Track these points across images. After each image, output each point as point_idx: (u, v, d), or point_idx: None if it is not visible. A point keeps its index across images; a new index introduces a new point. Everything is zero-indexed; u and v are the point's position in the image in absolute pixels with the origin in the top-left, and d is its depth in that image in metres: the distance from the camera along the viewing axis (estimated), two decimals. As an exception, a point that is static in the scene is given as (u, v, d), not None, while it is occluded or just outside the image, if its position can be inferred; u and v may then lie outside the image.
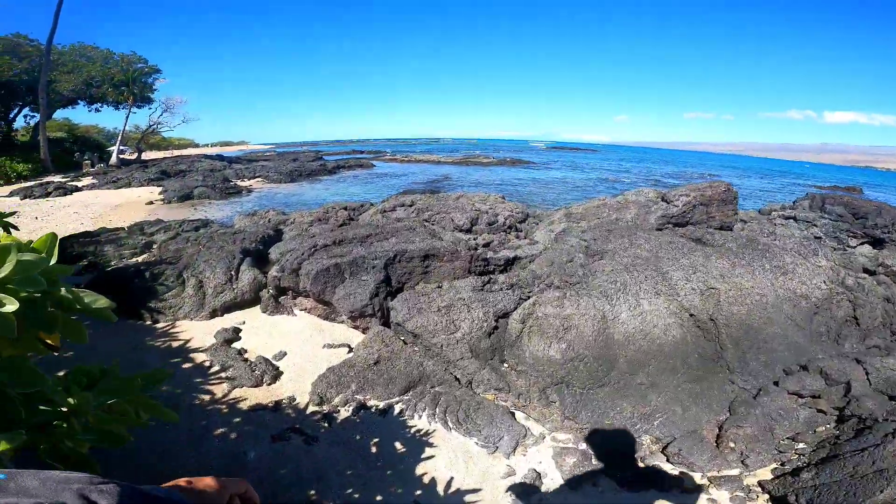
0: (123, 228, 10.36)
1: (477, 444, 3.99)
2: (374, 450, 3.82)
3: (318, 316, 6.09)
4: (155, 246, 8.08)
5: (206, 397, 4.27)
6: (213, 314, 5.67)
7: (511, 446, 3.93)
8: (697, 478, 3.69)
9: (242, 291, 5.88)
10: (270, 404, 4.35)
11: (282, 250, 6.80)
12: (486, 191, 13.05)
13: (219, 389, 4.44)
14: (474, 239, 7.61)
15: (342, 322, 6.05)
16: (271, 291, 6.10)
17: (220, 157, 39.09)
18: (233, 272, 5.99)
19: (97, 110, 32.51)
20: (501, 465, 3.78)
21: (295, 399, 4.49)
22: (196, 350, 5.02)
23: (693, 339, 5.02)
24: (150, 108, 33.36)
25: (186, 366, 4.73)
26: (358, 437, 3.97)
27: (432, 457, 3.77)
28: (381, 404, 4.52)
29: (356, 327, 5.95)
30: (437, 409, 4.42)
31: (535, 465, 3.78)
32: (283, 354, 5.23)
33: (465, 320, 5.10)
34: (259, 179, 26.51)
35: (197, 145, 76.22)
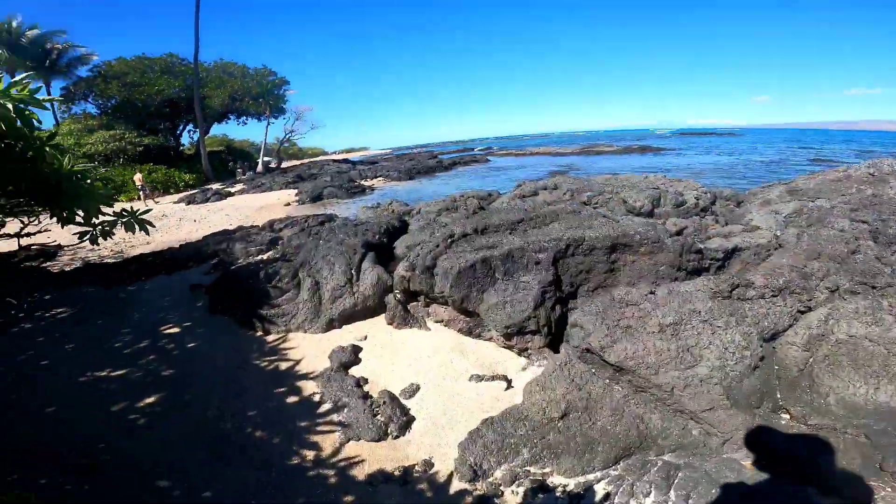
0: (258, 226, 10.31)
1: None
2: None
3: (459, 330, 4.53)
4: (281, 241, 7.52)
5: (310, 454, 2.96)
6: (330, 325, 4.48)
7: None
8: None
9: (364, 296, 4.60)
10: (397, 472, 2.86)
11: (409, 243, 5.45)
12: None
13: (328, 442, 3.10)
14: (662, 223, 5.37)
15: (490, 338, 4.41)
16: (398, 296, 4.73)
17: (346, 162, 41.64)
18: (353, 271, 4.77)
19: (244, 123, 36.43)
20: None
21: (432, 466, 2.94)
22: (305, 376, 3.82)
23: None
24: (284, 118, 36.47)
25: (291, 400, 3.52)
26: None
27: None
28: (573, 484, 2.77)
29: (510, 346, 4.26)
30: (674, 495, 2.52)
31: None
32: (414, 389, 3.75)
33: (709, 346, 3.06)
34: (380, 178, 26.93)
35: (326, 153, 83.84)
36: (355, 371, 4.00)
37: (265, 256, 6.86)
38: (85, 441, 3.06)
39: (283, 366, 3.96)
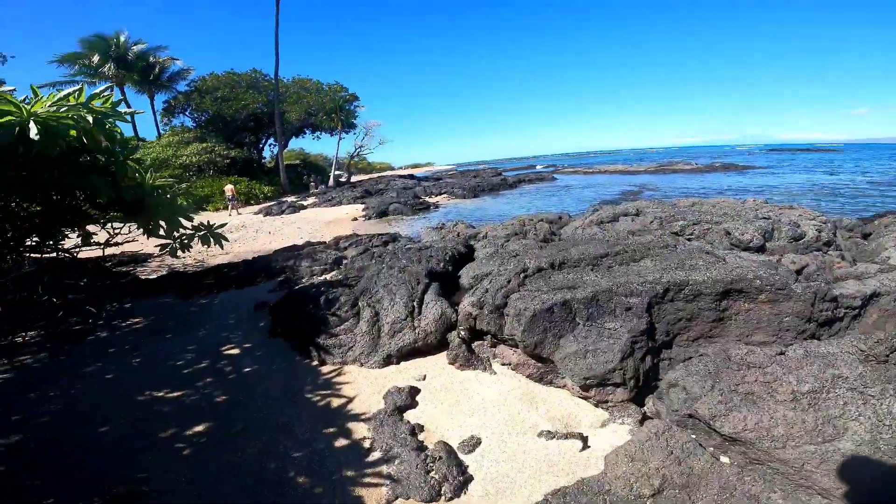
0: (324, 243, 10.48)
1: None
2: None
3: (529, 376, 4.00)
4: (345, 261, 7.46)
5: (354, 511, 2.58)
6: (388, 361, 4.15)
7: None
8: None
9: (426, 332, 4.23)
10: (450, 549, 2.39)
11: (476, 273, 5.03)
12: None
13: (374, 497, 2.72)
14: (777, 260, 4.47)
15: (564, 386, 3.83)
16: (462, 334, 4.30)
17: (411, 177, 42.55)
18: (415, 303, 4.42)
19: (318, 138, 38.51)
20: None
21: (496, 546, 2.43)
22: (357, 417, 3.49)
23: None
24: (355, 133, 38.10)
25: (340, 443, 3.20)
26: None
27: None
28: None
29: (587, 397, 3.65)
30: None
31: None
32: (475, 443, 3.27)
33: (857, 418, 2.30)
34: (444, 196, 26.99)
35: (393, 168, 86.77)
36: (411, 416, 3.61)
37: (328, 277, 6.79)
38: (127, 467, 2.94)
39: (336, 402, 3.66)
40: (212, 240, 5.33)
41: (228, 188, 22.30)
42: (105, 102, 3.68)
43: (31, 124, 2.97)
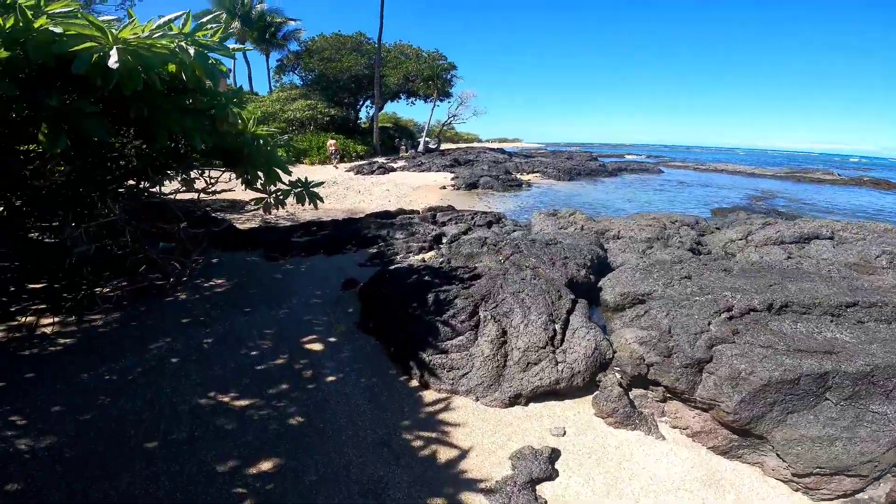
0: (418, 212, 9.67)
1: None
2: None
3: (713, 448, 2.77)
4: (444, 241, 6.50)
5: None
6: (515, 400, 3.11)
7: None
8: None
9: (572, 371, 3.10)
10: None
11: (627, 290, 3.78)
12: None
13: None
14: None
15: (757, 463, 2.57)
16: (621, 379, 3.12)
17: (501, 151, 40.78)
18: (557, 325, 3.29)
19: (412, 103, 37.99)
20: None
21: None
22: (473, 484, 2.51)
23: None
24: (449, 102, 36.96)
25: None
26: None
27: None
28: None
29: (792, 481, 2.37)
30: None
31: None
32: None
33: None
34: (537, 174, 25.21)
35: (481, 140, 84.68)
36: (549, 492, 2.56)
37: (427, 257, 5.88)
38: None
39: (444, 455, 2.71)
40: (307, 199, 4.67)
41: (331, 143, 23.03)
42: (213, 35, 2.95)
43: (113, 51, 2.25)
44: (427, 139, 36.77)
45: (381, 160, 26.55)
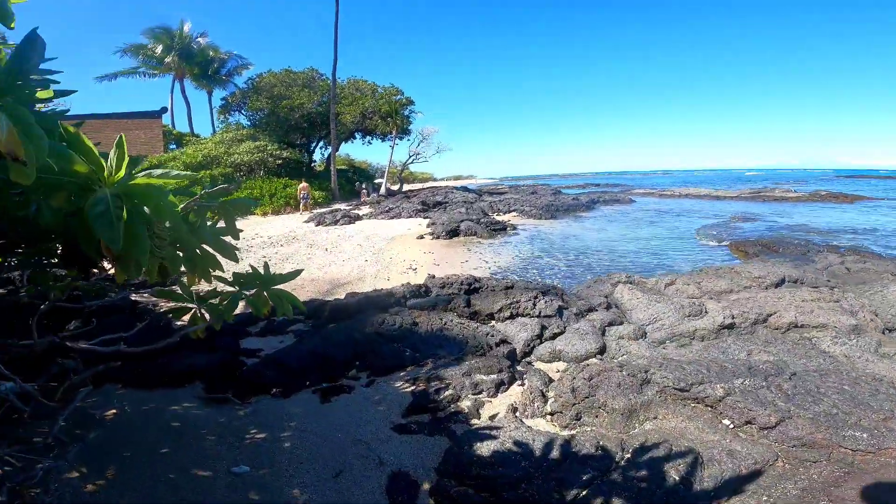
0: (424, 287, 7.18)
1: None
2: None
3: None
4: (522, 360, 3.84)
5: None
6: None
7: None
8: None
9: None
10: None
11: None
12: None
13: None
14: None
15: None
16: None
17: (465, 189, 39.40)
18: None
19: (369, 143, 36.02)
20: None
21: None
22: None
23: None
24: (409, 140, 35.28)
25: None
26: None
27: None
28: None
29: None
30: None
31: None
32: None
33: None
34: (514, 214, 23.60)
35: (436, 179, 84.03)
36: None
37: (518, 402, 3.31)
38: None
39: None
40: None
41: (303, 186, 22.26)
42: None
43: None
44: (379, 181, 34.74)
45: (343, 207, 24.00)
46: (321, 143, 35.55)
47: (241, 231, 2.32)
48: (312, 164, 35.36)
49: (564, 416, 2.77)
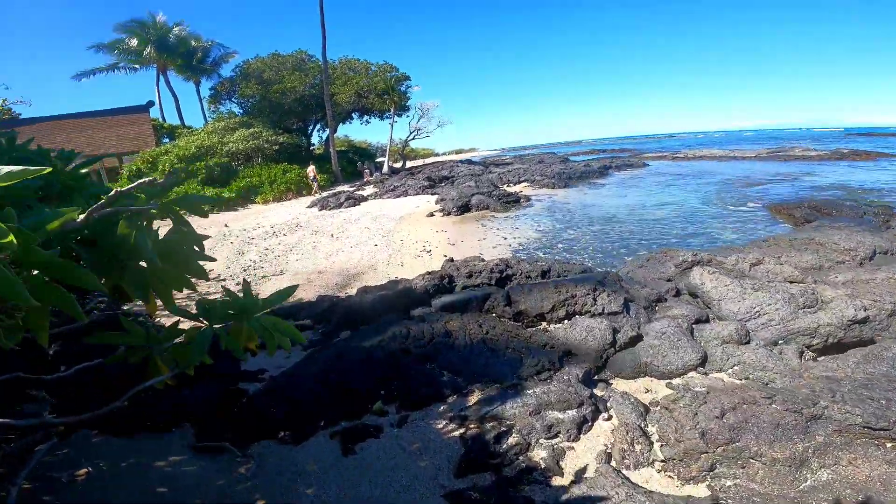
0: (444, 277, 6.35)
1: None
2: None
3: None
4: (603, 399, 3.04)
5: None
6: None
7: None
8: None
9: None
10: None
11: None
12: None
13: None
14: None
15: None
16: None
17: (470, 162, 38.00)
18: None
19: (367, 122, 34.67)
20: None
21: None
22: None
23: None
24: (408, 116, 33.95)
25: None
26: None
27: None
28: None
29: None
30: None
31: None
32: None
33: None
34: (525, 184, 22.45)
35: (437, 154, 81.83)
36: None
37: (612, 450, 2.49)
38: None
39: None
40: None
41: (311, 169, 22.07)
42: None
43: None
44: (380, 160, 33.56)
45: (346, 188, 23.00)
46: (318, 126, 34.30)
47: (238, 224, 1.46)
48: (311, 148, 34.16)
49: (689, 466, 1.95)
